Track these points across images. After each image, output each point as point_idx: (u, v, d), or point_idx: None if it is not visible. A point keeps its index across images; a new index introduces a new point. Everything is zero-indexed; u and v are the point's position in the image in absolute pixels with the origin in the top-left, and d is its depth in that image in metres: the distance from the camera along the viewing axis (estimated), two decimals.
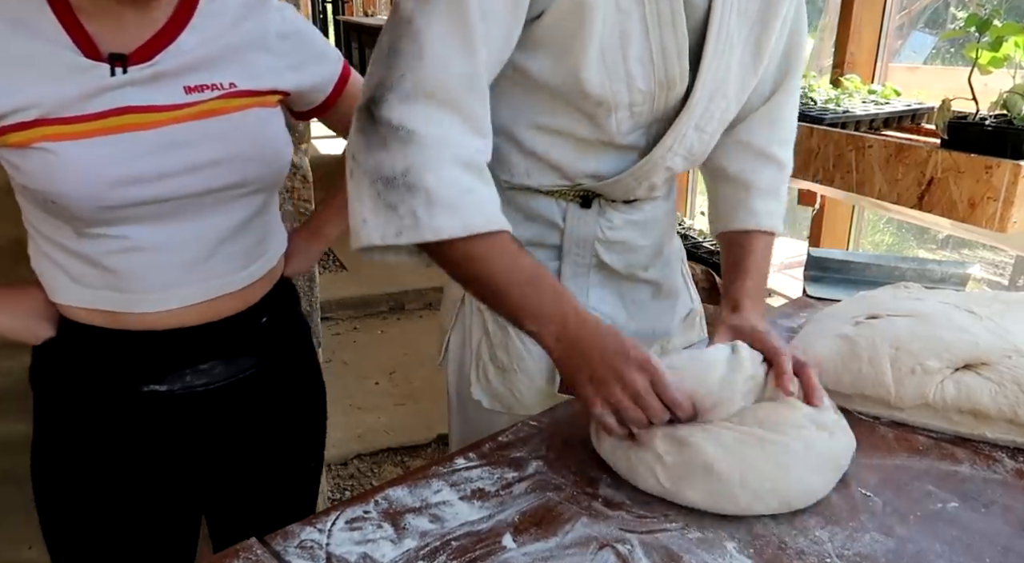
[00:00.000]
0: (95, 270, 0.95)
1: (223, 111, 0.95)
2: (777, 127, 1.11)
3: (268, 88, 1.00)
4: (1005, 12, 2.35)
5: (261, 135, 0.99)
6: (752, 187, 1.10)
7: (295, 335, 1.19)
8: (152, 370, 1.01)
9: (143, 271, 0.96)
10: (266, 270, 1.08)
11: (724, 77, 0.97)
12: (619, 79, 0.92)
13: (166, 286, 0.97)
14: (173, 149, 0.92)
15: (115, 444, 1.03)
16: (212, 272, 1.00)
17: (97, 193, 0.89)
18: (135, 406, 1.02)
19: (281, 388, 1.14)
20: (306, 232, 1.24)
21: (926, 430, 0.95)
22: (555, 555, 0.72)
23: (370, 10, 7.05)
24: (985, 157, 1.67)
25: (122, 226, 0.93)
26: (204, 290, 1.00)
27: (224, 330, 1.04)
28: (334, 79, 1.09)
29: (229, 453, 1.11)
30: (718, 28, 0.93)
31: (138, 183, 0.90)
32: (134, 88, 0.90)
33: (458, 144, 0.83)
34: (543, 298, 0.85)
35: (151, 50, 0.91)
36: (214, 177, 0.95)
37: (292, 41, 1.02)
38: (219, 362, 1.05)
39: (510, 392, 1.13)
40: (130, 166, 0.90)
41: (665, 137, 0.99)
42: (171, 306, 0.98)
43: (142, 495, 1.06)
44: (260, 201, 1.04)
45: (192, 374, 1.03)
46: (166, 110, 0.91)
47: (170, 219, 0.95)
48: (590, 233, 1.08)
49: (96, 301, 0.97)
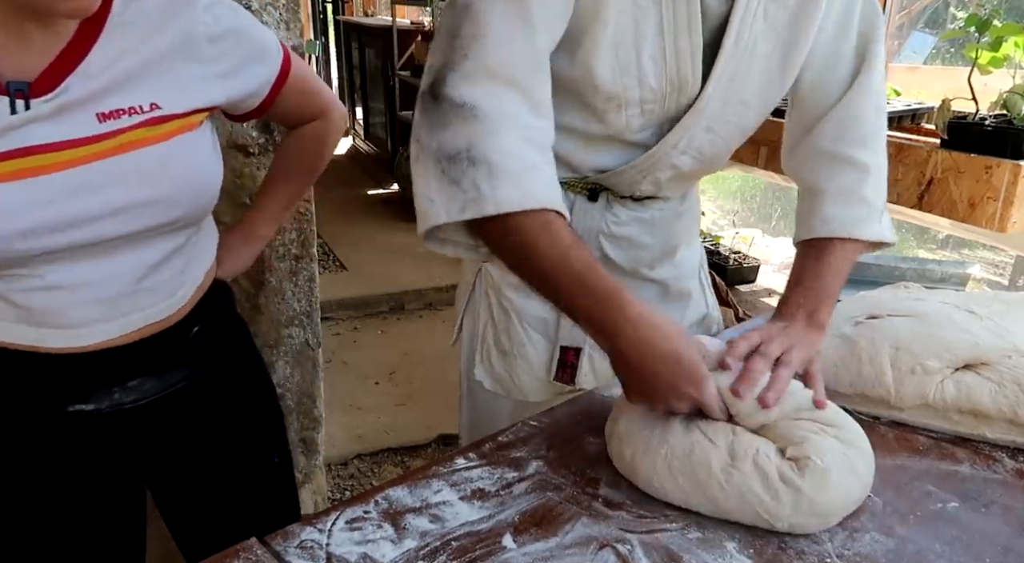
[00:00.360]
0: (8, 307, 0.87)
1: (144, 142, 0.82)
2: (849, 127, 1.03)
3: (195, 107, 0.88)
4: (1005, 12, 2.35)
5: (190, 167, 0.88)
6: (823, 192, 1.03)
7: (231, 338, 1.11)
8: (77, 389, 0.94)
9: (58, 309, 0.87)
10: (191, 293, 1.00)
11: (742, 83, 0.97)
12: (631, 75, 0.92)
13: (84, 323, 0.89)
14: (87, 193, 0.80)
15: (44, 466, 0.97)
16: (134, 306, 0.92)
17: (4, 245, 0.79)
18: (61, 427, 0.95)
19: (220, 393, 1.07)
20: (241, 232, 1.16)
21: (926, 430, 0.95)
22: (555, 555, 0.72)
23: (370, 10, 7.03)
24: (985, 157, 1.67)
25: (33, 267, 0.84)
26: (125, 324, 0.92)
27: (152, 347, 0.96)
28: (272, 79, 0.98)
29: (176, 464, 1.05)
30: (736, 33, 0.92)
31: (48, 232, 0.80)
32: (39, 124, 0.78)
33: (521, 121, 0.83)
34: (592, 303, 0.82)
35: (57, 74, 0.79)
36: (135, 219, 0.84)
37: (225, 43, 0.90)
38: (148, 378, 0.98)
39: (509, 377, 1.15)
40: (36, 216, 0.78)
41: (670, 135, 0.99)
42: (88, 342, 0.90)
43: (78, 513, 1.00)
44: (187, 234, 0.95)
45: (120, 391, 0.96)
46: (77, 145, 0.79)
47: (86, 258, 0.85)
48: (596, 226, 1.09)
49: (10, 335, 0.88)
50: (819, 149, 1.04)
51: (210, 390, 1.06)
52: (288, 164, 1.17)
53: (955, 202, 1.74)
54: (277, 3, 1.44)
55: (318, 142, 1.15)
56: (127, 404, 0.97)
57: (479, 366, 1.17)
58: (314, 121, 1.12)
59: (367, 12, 7.06)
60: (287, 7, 1.45)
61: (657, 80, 0.93)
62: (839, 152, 1.02)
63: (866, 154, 1.03)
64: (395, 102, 5.37)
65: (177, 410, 1.02)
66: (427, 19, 5.27)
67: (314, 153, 1.16)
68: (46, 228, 0.79)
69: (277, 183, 1.18)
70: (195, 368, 1.03)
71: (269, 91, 0.99)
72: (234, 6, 0.93)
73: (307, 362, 1.73)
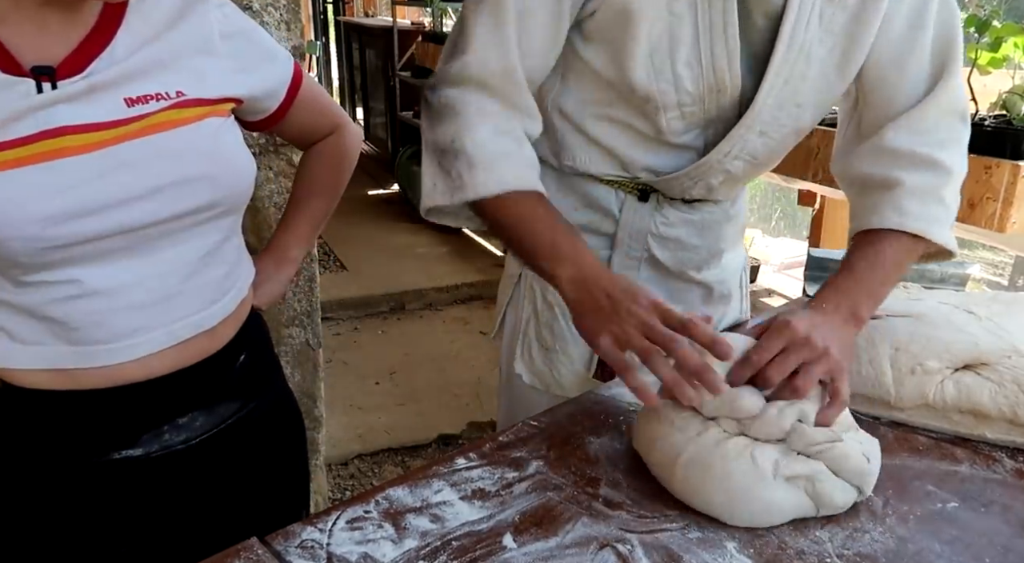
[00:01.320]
0: (41, 324, 0.81)
1: (173, 124, 0.81)
2: (930, 131, 0.98)
3: (219, 96, 0.87)
4: (1004, 13, 2.35)
5: (219, 149, 0.86)
6: (900, 185, 0.96)
7: (272, 371, 1.08)
8: (123, 432, 0.87)
9: (98, 319, 0.82)
10: (237, 302, 0.96)
11: (797, 86, 0.96)
12: (666, 80, 0.94)
13: (127, 334, 0.83)
14: (119, 172, 0.78)
15: (83, 524, 0.89)
16: (178, 312, 0.87)
17: (32, 233, 0.75)
18: (105, 477, 0.87)
19: (263, 432, 1.02)
20: (273, 257, 1.12)
21: (926, 430, 0.95)
22: (555, 555, 0.72)
23: (371, 11, 7.04)
24: (984, 157, 1.67)
25: (68, 269, 0.79)
26: (171, 333, 0.86)
27: (199, 376, 0.91)
28: (287, 81, 0.98)
29: (209, 512, 0.96)
30: (789, 38, 0.92)
31: (80, 217, 0.77)
32: (67, 105, 0.76)
33: (497, 117, 0.94)
34: (561, 240, 0.90)
35: (82, 58, 0.78)
36: (170, 202, 0.82)
37: (237, 41, 0.90)
38: (199, 412, 0.92)
39: (549, 371, 1.16)
40: (62, 200, 0.76)
41: (723, 142, 0.99)
42: (135, 356, 0.84)
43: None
44: (227, 225, 0.91)
45: (171, 430, 0.90)
46: (107, 128, 0.78)
47: (124, 256, 0.81)
48: (644, 226, 1.10)
49: (45, 360, 0.82)
50: (895, 149, 0.98)
51: (256, 427, 1.01)
52: (310, 183, 1.13)
53: None
54: (278, 3, 1.44)
55: (337, 159, 1.12)
56: (178, 445, 0.90)
57: (519, 359, 1.18)
58: (329, 137, 1.10)
59: (367, 13, 7.07)
60: (288, 7, 1.45)
61: (694, 84, 0.94)
62: (919, 152, 0.97)
63: (947, 155, 0.97)
64: (395, 102, 5.37)
65: (225, 450, 0.96)
66: (427, 20, 5.28)
67: (334, 170, 1.13)
68: (73, 213, 0.77)
69: (301, 204, 1.14)
70: (245, 401, 0.98)
71: (286, 93, 0.98)
72: (239, 11, 0.93)
73: (307, 362, 1.73)
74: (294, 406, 1.12)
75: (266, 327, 1.11)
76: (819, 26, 0.93)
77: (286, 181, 1.55)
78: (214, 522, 0.96)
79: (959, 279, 1.35)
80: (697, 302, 1.18)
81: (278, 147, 1.51)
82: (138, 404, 0.87)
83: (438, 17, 4.83)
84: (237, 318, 0.97)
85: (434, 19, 4.86)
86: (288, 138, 1.10)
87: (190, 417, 0.92)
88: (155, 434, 0.89)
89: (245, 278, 0.99)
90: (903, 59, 0.97)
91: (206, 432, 0.93)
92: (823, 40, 0.94)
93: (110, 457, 0.87)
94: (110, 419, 0.86)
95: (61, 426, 0.85)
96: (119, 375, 0.85)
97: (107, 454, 0.87)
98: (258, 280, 1.05)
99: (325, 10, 7.44)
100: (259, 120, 0.99)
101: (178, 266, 0.86)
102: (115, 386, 0.85)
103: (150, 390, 0.87)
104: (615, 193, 1.09)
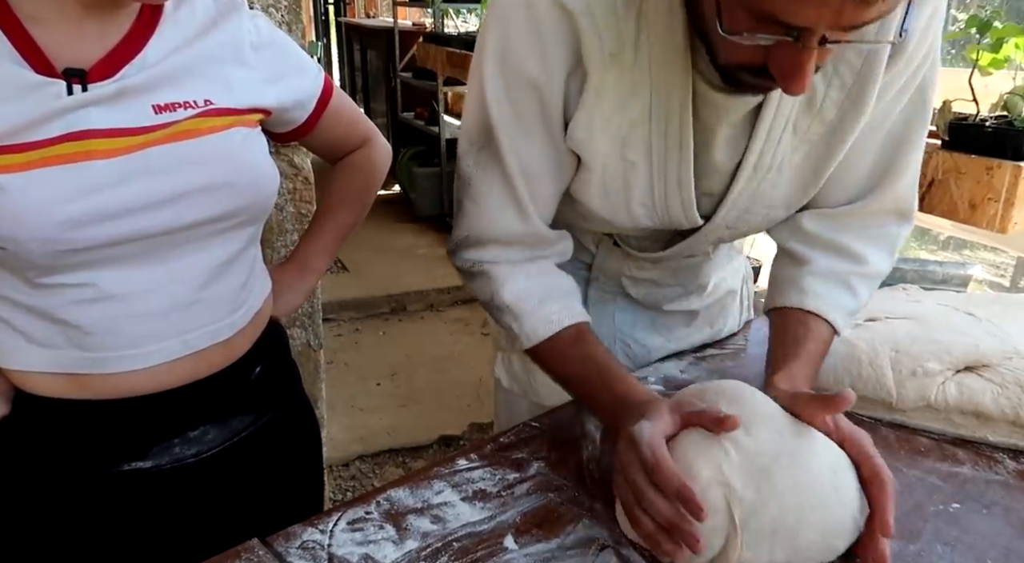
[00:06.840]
0: (55, 327, 0.80)
1: (199, 132, 0.81)
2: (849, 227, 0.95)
3: (248, 106, 0.87)
4: (1005, 14, 2.35)
5: (244, 158, 0.86)
6: (808, 263, 0.95)
7: (290, 383, 1.07)
8: (133, 444, 0.86)
9: (113, 324, 0.81)
10: (253, 313, 0.94)
11: (768, 193, 0.91)
12: (622, 216, 0.94)
13: (141, 341, 0.82)
14: (142, 178, 0.78)
15: (87, 537, 0.88)
16: (194, 321, 0.86)
17: (52, 235, 0.74)
18: (114, 488, 0.86)
19: (278, 445, 1.01)
20: (294, 266, 1.10)
21: (927, 432, 0.95)
22: (556, 556, 0.72)
23: (372, 11, 7.05)
24: (986, 158, 1.67)
25: (85, 272, 0.78)
26: (186, 343, 0.85)
27: (213, 388, 0.90)
28: (316, 94, 0.98)
29: (219, 525, 0.94)
30: (753, 167, 0.88)
31: (101, 221, 0.76)
32: (96, 108, 0.76)
33: (526, 263, 0.95)
34: (608, 397, 0.86)
35: (115, 63, 0.78)
36: (192, 209, 0.81)
37: (267, 53, 0.90)
38: (211, 425, 0.91)
39: (527, 378, 1.16)
40: (91, 201, 0.75)
41: (682, 244, 0.99)
42: (148, 364, 0.84)
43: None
44: (246, 235, 0.90)
45: (182, 444, 0.89)
46: (133, 134, 0.77)
47: (142, 261, 0.81)
48: (618, 269, 1.10)
49: (58, 364, 0.82)
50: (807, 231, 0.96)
51: (271, 440, 0.99)
52: (341, 195, 1.12)
53: (956, 203, 1.74)
54: (279, 4, 1.44)
55: (367, 171, 1.12)
56: (189, 458, 0.89)
57: (499, 363, 1.19)
58: (358, 151, 1.10)
59: (369, 13, 7.07)
60: (289, 8, 1.45)
61: (649, 220, 0.93)
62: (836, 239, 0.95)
63: (866, 248, 0.95)
64: (397, 103, 5.37)
65: (237, 464, 0.94)
66: (429, 21, 5.28)
67: (362, 183, 1.12)
68: (94, 216, 0.76)
69: (328, 216, 1.13)
70: (259, 414, 0.97)
71: (315, 106, 0.98)
72: (271, 23, 0.94)
73: (308, 363, 1.73)
74: (311, 417, 1.10)
75: (286, 337, 1.10)
76: (793, 136, 0.87)
77: (287, 182, 1.55)
78: (224, 535, 0.93)
79: (961, 280, 1.35)
80: (680, 325, 1.16)
81: (279, 148, 1.51)
82: (149, 416, 0.86)
83: (439, 18, 4.83)
84: (253, 331, 0.96)
85: (435, 20, 4.86)
86: (316, 151, 1.09)
87: (202, 430, 0.91)
88: (166, 447, 0.88)
89: (260, 291, 0.97)
90: (847, 160, 0.91)
91: (218, 445, 0.92)
92: (797, 148, 0.88)
93: (120, 468, 0.86)
94: (121, 430, 0.86)
95: (71, 435, 0.85)
96: (131, 386, 0.84)
97: (117, 465, 0.86)
98: (278, 289, 1.04)
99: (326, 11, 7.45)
100: (287, 132, 0.99)
101: (196, 274, 0.85)
102: (126, 397, 0.84)
103: (162, 402, 0.86)
104: (589, 238, 1.09)
